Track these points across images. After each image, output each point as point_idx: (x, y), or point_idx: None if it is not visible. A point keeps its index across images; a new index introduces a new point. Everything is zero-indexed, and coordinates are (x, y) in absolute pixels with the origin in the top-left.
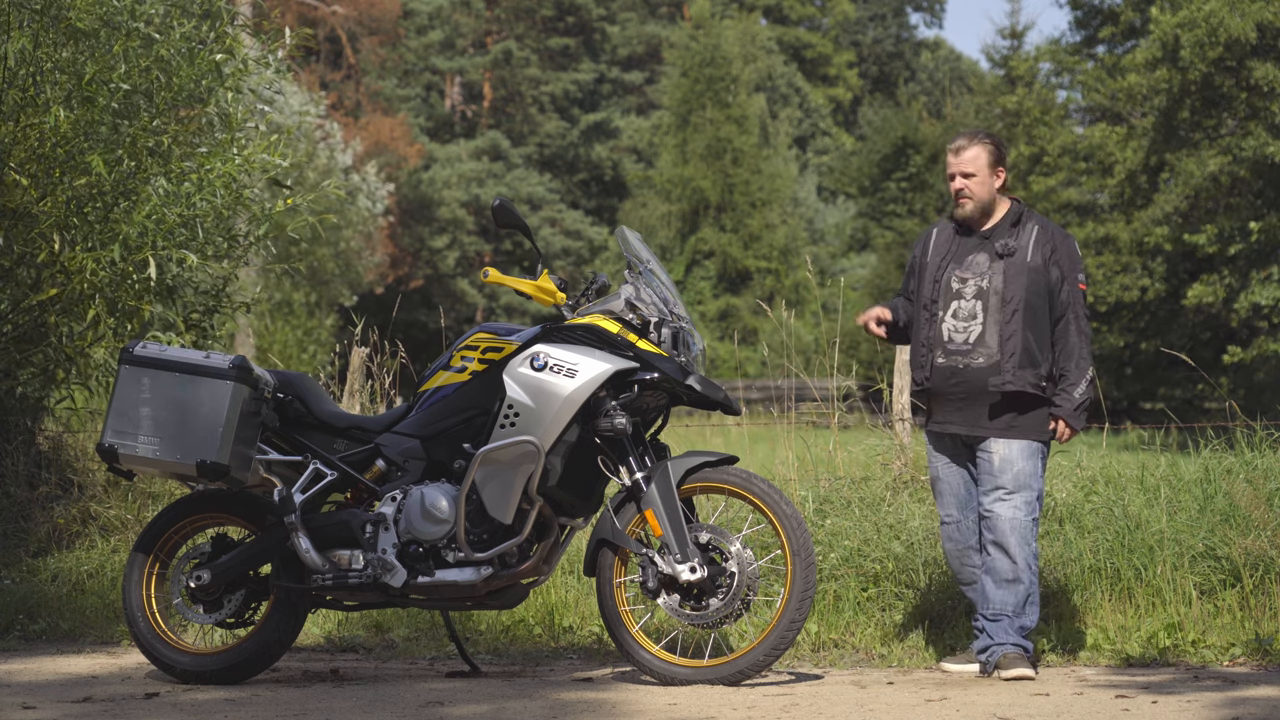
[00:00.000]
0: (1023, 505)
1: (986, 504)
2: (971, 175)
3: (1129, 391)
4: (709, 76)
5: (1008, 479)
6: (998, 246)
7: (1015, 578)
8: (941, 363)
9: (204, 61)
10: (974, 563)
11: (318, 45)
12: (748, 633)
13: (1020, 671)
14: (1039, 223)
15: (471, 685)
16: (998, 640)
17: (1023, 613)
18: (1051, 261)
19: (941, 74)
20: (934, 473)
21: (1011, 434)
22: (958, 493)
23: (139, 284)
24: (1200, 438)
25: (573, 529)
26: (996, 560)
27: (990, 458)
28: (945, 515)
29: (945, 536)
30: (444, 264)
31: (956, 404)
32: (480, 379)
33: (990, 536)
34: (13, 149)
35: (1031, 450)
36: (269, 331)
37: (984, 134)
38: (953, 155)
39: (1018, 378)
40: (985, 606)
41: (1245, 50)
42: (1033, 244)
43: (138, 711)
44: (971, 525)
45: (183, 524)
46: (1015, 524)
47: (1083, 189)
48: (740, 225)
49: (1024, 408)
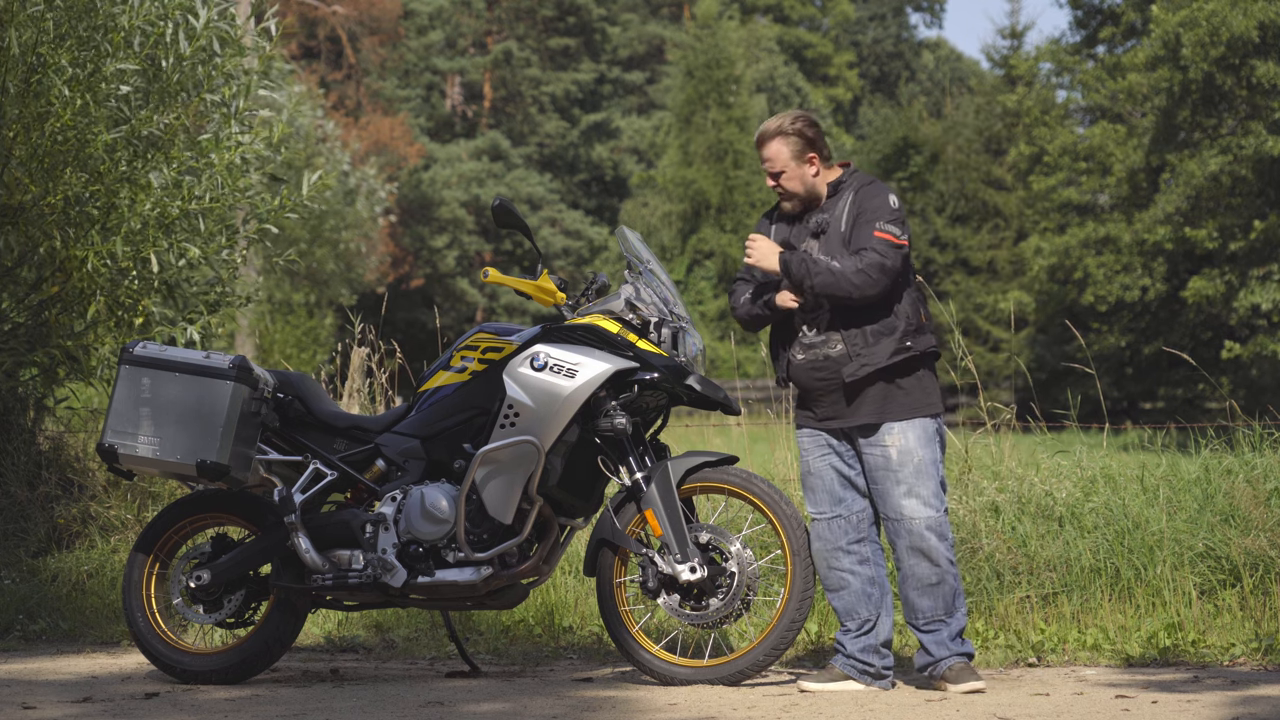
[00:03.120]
0: (933, 499)
1: (891, 505)
2: (780, 174)
3: (1129, 391)
4: (712, 77)
5: (908, 472)
6: (811, 224)
7: (939, 580)
8: (800, 359)
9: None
10: (842, 565)
11: (318, 45)
12: (748, 633)
13: (971, 685)
14: (854, 187)
15: (471, 685)
16: (938, 655)
17: (954, 613)
18: (858, 220)
19: (941, 74)
20: (805, 468)
21: (898, 415)
22: (830, 488)
23: (139, 280)
24: (1200, 438)
25: (573, 529)
26: (916, 566)
27: (886, 451)
28: (817, 513)
29: (815, 535)
30: (444, 264)
31: (830, 397)
32: (480, 379)
33: (905, 542)
34: (14, 146)
35: (927, 433)
36: (269, 331)
37: (786, 121)
38: (761, 150)
39: (871, 357)
40: (915, 617)
41: (1247, 49)
42: (846, 211)
43: (138, 711)
44: (842, 525)
45: (183, 524)
46: (931, 522)
47: (1083, 189)
48: (740, 225)
49: (898, 380)
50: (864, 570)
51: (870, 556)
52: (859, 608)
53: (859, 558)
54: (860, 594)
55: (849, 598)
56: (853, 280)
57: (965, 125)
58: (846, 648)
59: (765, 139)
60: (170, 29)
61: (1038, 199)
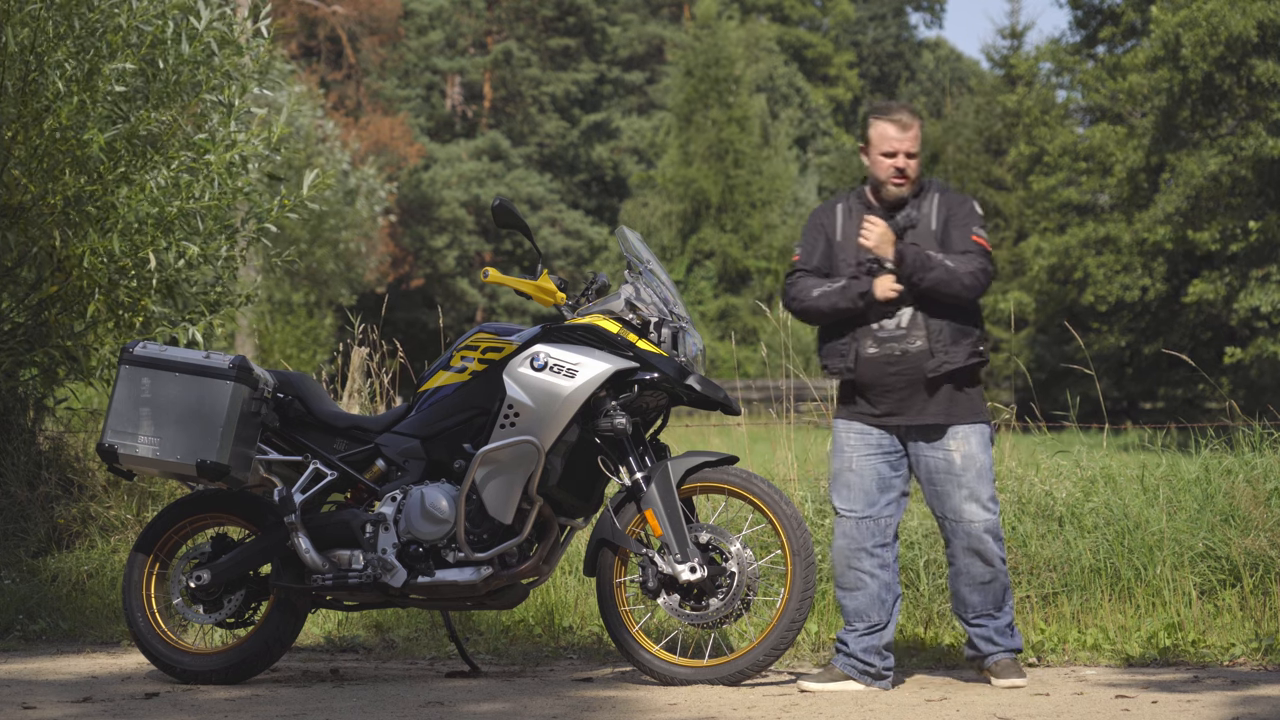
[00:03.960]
0: (991, 502)
1: (950, 509)
2: (914, 155)
3: (1129, 391)
4: (712, 77)
5: (971, 476)
6: (900, 219)
7: (992, 579)
8: (873, 352)
9: (199, 49)
10: (863, 566)
11: (318, 45)
12: (748, 633)
13: (1012, 681)
14: (937, 189)
15: (471, 685)
16: (985, 650)
17: (1003, 608)
18: (951, 223)
19: (941, 74)
20: (844, 463)
21: (962, 419)
22: (868, 488)
23: (139, 280)
24: (1200, 438)
25: (573, 529)
26: (971, 565)
27: (949, 455)
28: (847, 510)
29: (840, 533)
30: (444, 264)
31: (899, 394)
32: (480, 379)
33: (962, 542)
34: (13, 146)
35: (985, 438)
36: (269, 331)
37: (916, 109)
38: (896, 129)
39: (952, 355)
40: (964, 611)
41: (1246, 48)
42: (934, 211)
43: (138, 711)
44: (870, 527)
45: (183, 524)
46: (990, 525)
47: (1083, 189)
48: (740, 225)
49: (963, 386)
50: (883, 575)
51: (890, 562)
52: (871, 611)
53: (880, 562)
54: (875, 598)
55: (863, 599)
56: (964, 281)
57: (965, 125)
58: (849, 646)
59: (912, 118)
60: (171, 29)
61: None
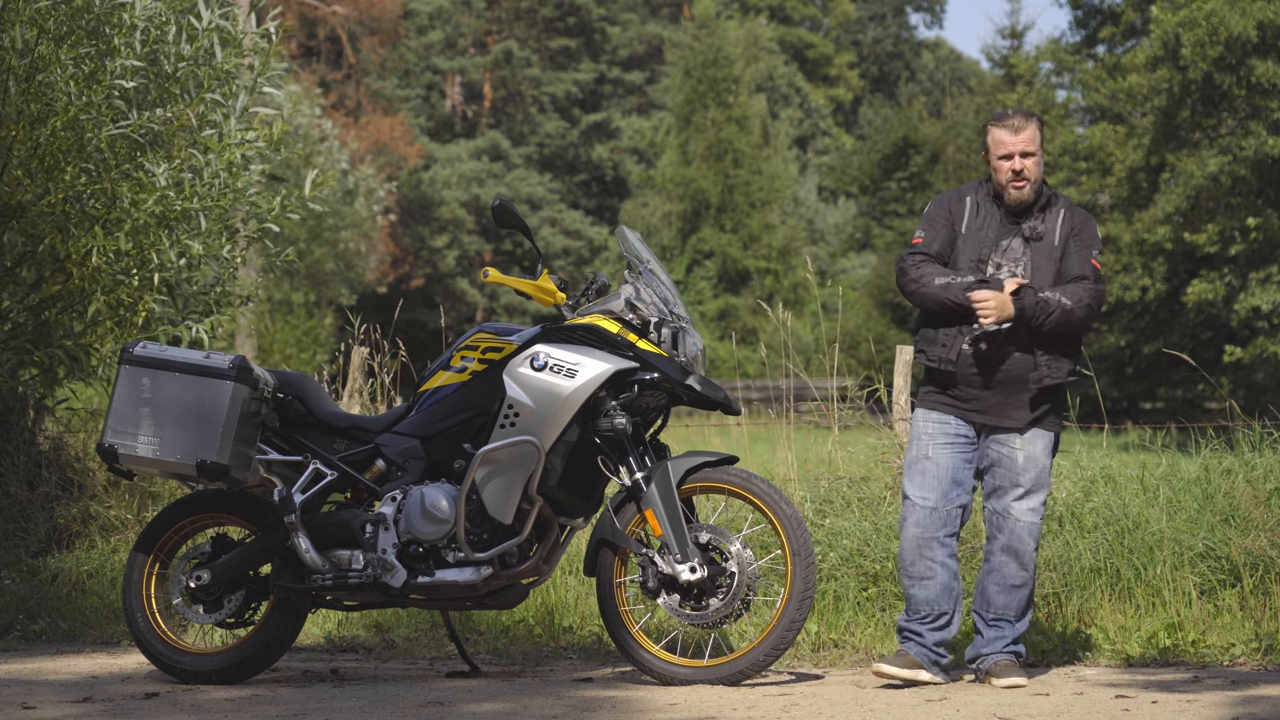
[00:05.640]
0: (1040, 507)
1: (1001, 504)
2: (1031, 155)
3: (1129, 391)
4: (711, 77)
5: (1029, 478)
6: (1025, 229)
7: (1023, 583)
8: (970, 349)
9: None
10: (935, 556)
11: (318, 45)
12: (748, 633)
13: (1013, 680)
14: (1065, 204)
15: (471, 685)
16: (988, 651)
17: (1023, 617)
18: (1072, 243)
19: (941, 74)
20: (920, 452)
21: (1036, 425)
22: (944, 479)
23: (140, 279)
24: (1200, 438)
25: (573, 529)
26: (1006, 564)
27: (1014, 454)
28: (920, 498)
29: (913, 522)
30: (444, 264)
31: (990, 396)
32: (480, 379)
33: (1004, 540)
34: (15, 145)
35: (1050, 446)
36: (269, 331)
37: (1030, 111)
38: (1008, 133)
39: (1054, 370)
40: (985, 609)
41: (1246, 49)
42: (1059, 226)
43: (138, 711)
44: (942, 517)
45: (183, 524)
46: (1033, 529)
47: (1083, 189)
48: (740, 225)
49: (1049, 399)
50: (951, 565)
51: (955, 553)
52: (942, 601)
53: (950, 551)
54: (945, 587)
55: (934, 589)
56: (1080, 316)
57: (965, 125)
58: (925, 638)
59: (1026, 120)
60: (173, 29)
61: None
